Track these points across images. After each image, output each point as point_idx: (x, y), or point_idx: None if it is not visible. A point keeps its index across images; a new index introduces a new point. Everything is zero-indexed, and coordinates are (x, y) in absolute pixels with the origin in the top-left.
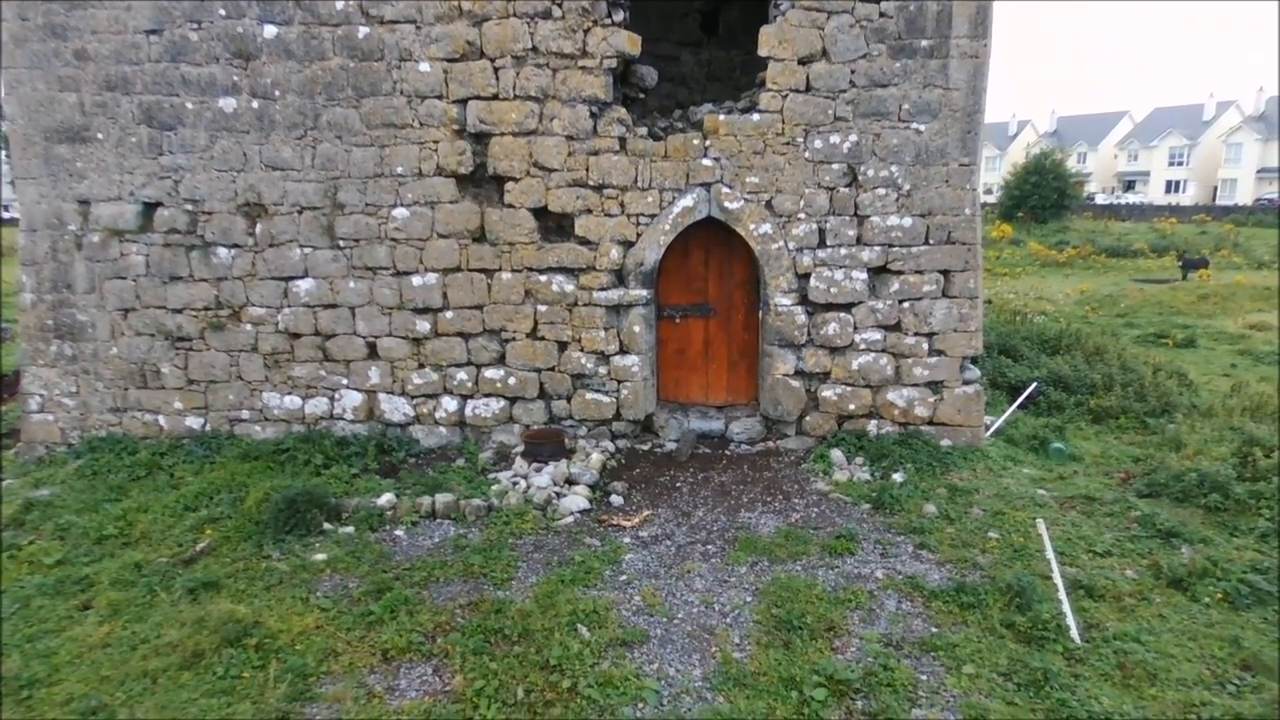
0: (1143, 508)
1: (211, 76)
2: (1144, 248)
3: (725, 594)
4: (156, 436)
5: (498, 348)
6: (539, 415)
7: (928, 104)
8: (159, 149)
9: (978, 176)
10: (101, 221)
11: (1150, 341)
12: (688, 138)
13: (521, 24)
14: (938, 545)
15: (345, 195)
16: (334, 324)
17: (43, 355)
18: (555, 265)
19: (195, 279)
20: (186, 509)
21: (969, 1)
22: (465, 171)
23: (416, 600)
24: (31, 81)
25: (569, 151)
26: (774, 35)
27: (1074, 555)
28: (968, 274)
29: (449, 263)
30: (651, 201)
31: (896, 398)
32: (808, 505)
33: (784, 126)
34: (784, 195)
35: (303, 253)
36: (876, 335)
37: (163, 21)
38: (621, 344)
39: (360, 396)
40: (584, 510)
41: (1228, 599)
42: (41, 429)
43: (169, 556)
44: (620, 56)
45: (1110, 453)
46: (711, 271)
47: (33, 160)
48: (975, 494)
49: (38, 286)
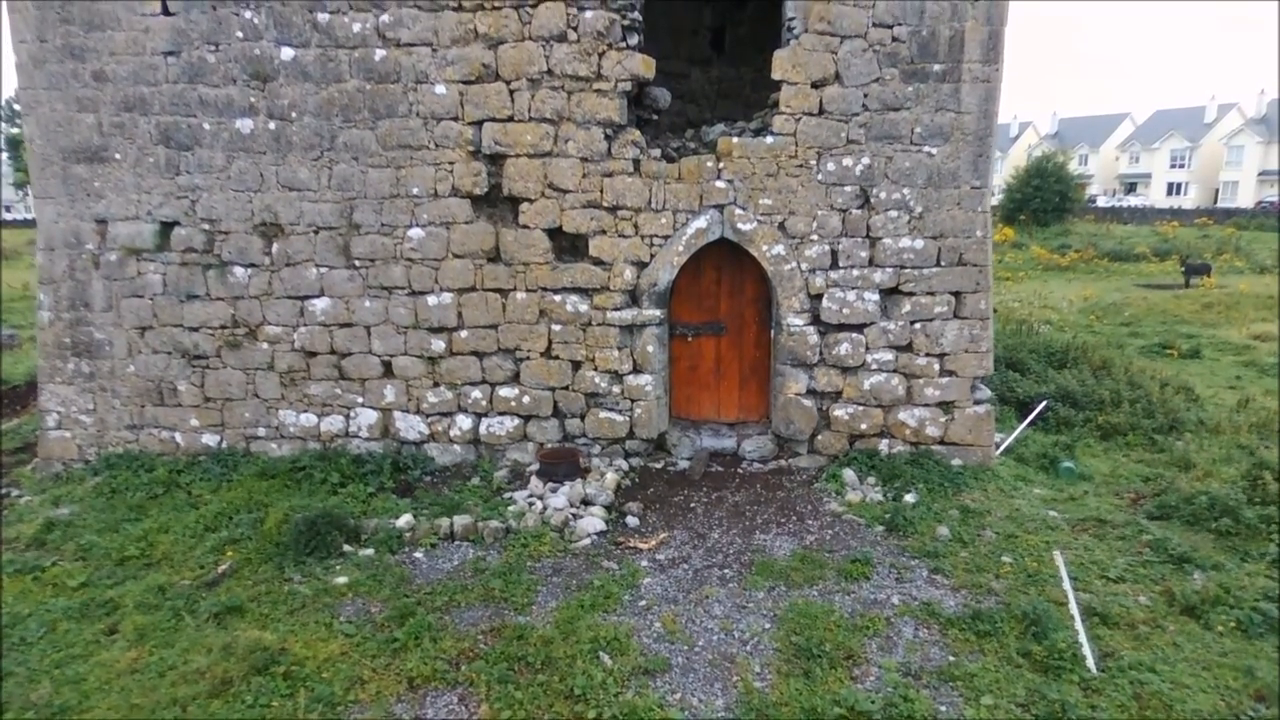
0: (1154, 531)
1: (229, 98)
2: (1146, 251)
3: (744, 620)
4: (173, 453)
5: (512, 366)
6: (553, 433)
7: (940, 127)
8: (176, 169)
9: (989, 199)
10: (119, 240)
11: (1155, 352)
12: (701, 160)
13: (537, 47)
14: (952, 570)
15: (361, 215)
16: (349, 343)
17: (60, 373)
18: (569, 285)
19: (212, 298)
20: (207, 529)
21: (981, 26)
22: (480, 192)
23: (439, 626)
24: (50, 102)
25: (583, 173)
26: (787, 59)
27: (1087, 581)
28: (979, 295)
29: (464, 282)
30: (665, 223)
31: (908, 417)
32: (821, 527)
33: (797, 149)
34: (797, 217)
35: (319, 272)
36: (888, 355)
37: (180, 43)
38: (635, 363)
39: (375, 414)
40: (600, 532)
41: (1240, 627)
42: (59, 446)
43: (192, 579)
44: (634, 80)
45: (1120, 471)
46: (723, 290)
47: (51, 180)
48: (987, 516)
49: (55, 305)
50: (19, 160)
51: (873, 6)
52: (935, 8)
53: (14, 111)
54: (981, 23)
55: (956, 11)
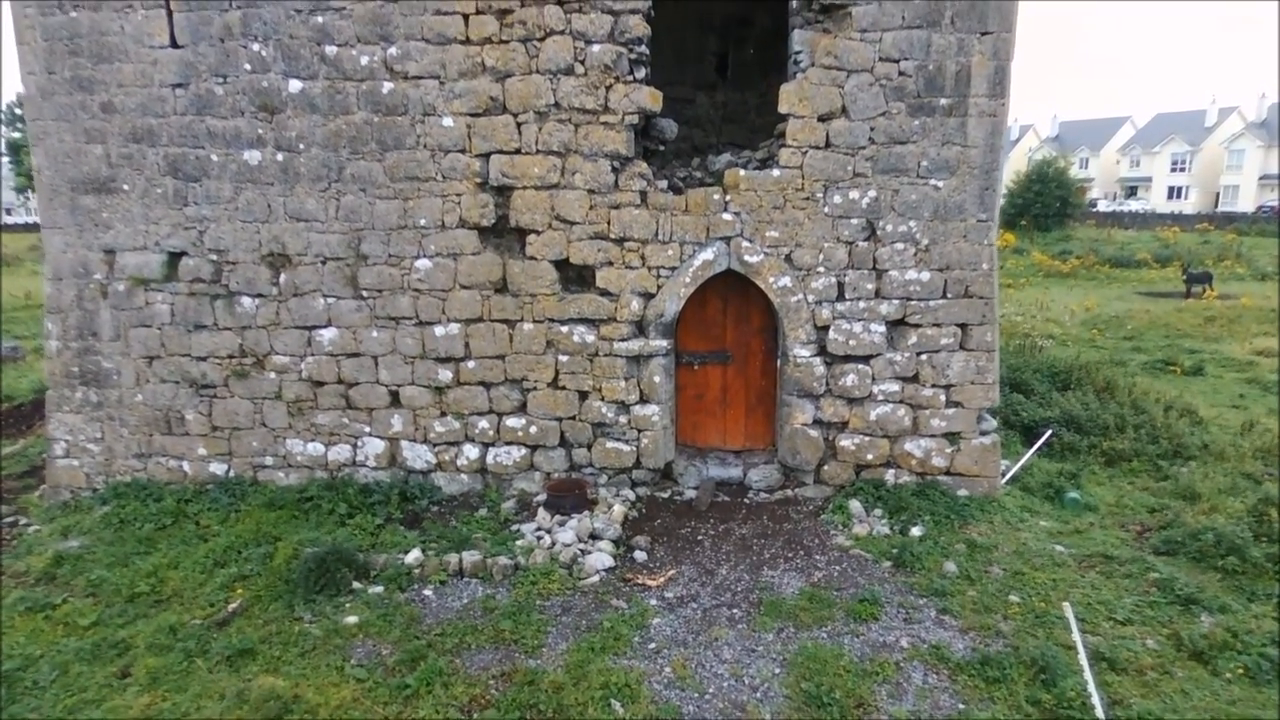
0: (1161, 568)
1: (237, 129)
2: (1147, 257)
3: (754, 664)
4: (181, 482)
5: (519, 396)
6: (559, 463)
7: (946, 161)
8: (184, 200)
9: (995, 232)
10: (127, 270)
11: (1158, 369)
12: (708, 192)
13: (544, 80)
14: (960, 610)
15: (368, 246)
16: (357, 372)
17: (68, 401)
18: (576, 316)
19: (220, 327)
20: (216, 564)
21: (988, 61)
22: (487, 224)
23: (450, 670)
24: (58, 133)
25: (590, 205)
26: (794, 92)
27: (1095, 622)
28: (985, 327)
29: (471, 313)
30: (672, 254)
31: (914, 448)
32: (829, 562)
33: (803, 182)
34: (803, 249)
35: (326, 302)
36: (894, 387)
37: (189, 76)
38: (641, 393)
39: (383, 444)
40: (609, 568)
41: (1249, 674)
42: (66, 474)
43: (203, 618)
44: (641, 112)
45: (1125, 501)
46: (729, 319)
47: (59, 210)
48: (994, 551)
49: (63, 334)
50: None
51: (879, 41)
52: (942, 42)
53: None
54: (988, 57)
55: (963, 46)
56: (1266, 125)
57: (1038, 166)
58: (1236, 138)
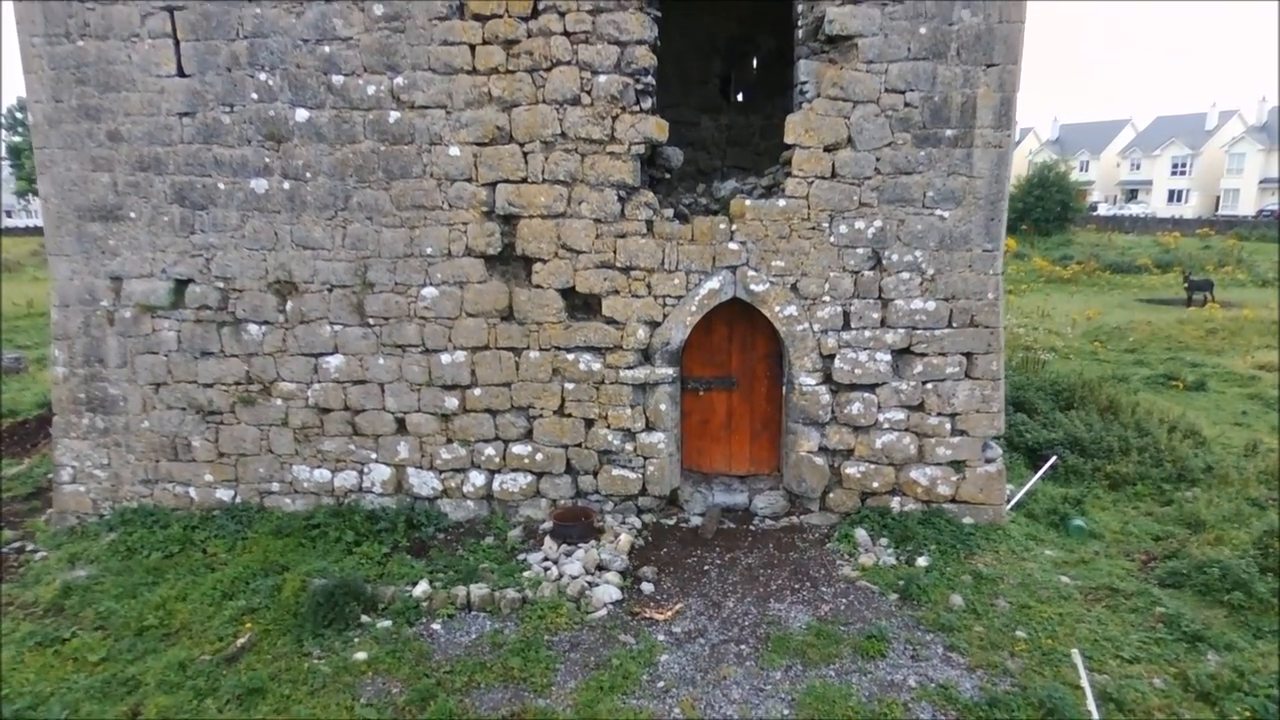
0: (1166, 602)
1: (243, 158)
2: (1148, 263)
3: (762, 704)
4: (187, 508)
5: (525, 424)
6: (565, 490)
7: (952, 191)
8: (191, 227)
9: (1000, 262)
10: (134, 297)
11: (1160, 384)
12: (714, 221)
13: (550, 110)
14: (967, 647)
15: (375, 274)
16: (363, 399)
17: (75, 428)
18: (582, 344)
19: (226, 354)
20: (224, 596)
21: (993, 93)
22: (494, 252)
23: (460, 711)
24: (65, 161)
25: (596, 234)
26: (800, 123)
27: (1102, 660)
28: (990, 356)
29: (477, 341)
30: (678, 283)
31: (919, 476)
32: (836, 595)
33: (809, 212)
34: (809, 278)
35: (333, 330)
36: (900, 415)
37: (196, 104)
38: (647, 421)
39: (389, 470)
40: (616, 601)
41: (1255, 717)
42: (73, 500)
43: (212, 653)
44: (648, 142)
45: (1130, 528)
46: (734, 345)
47: (66, 237)
48: (1000, 583)
49: (70, 360)
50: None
51: (885, 72)
52: (948, 74)
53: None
54: (993, 89)
55: (969, 78)
56: (1267, 129)
57: (1039, 171)
58: (1237, 141)
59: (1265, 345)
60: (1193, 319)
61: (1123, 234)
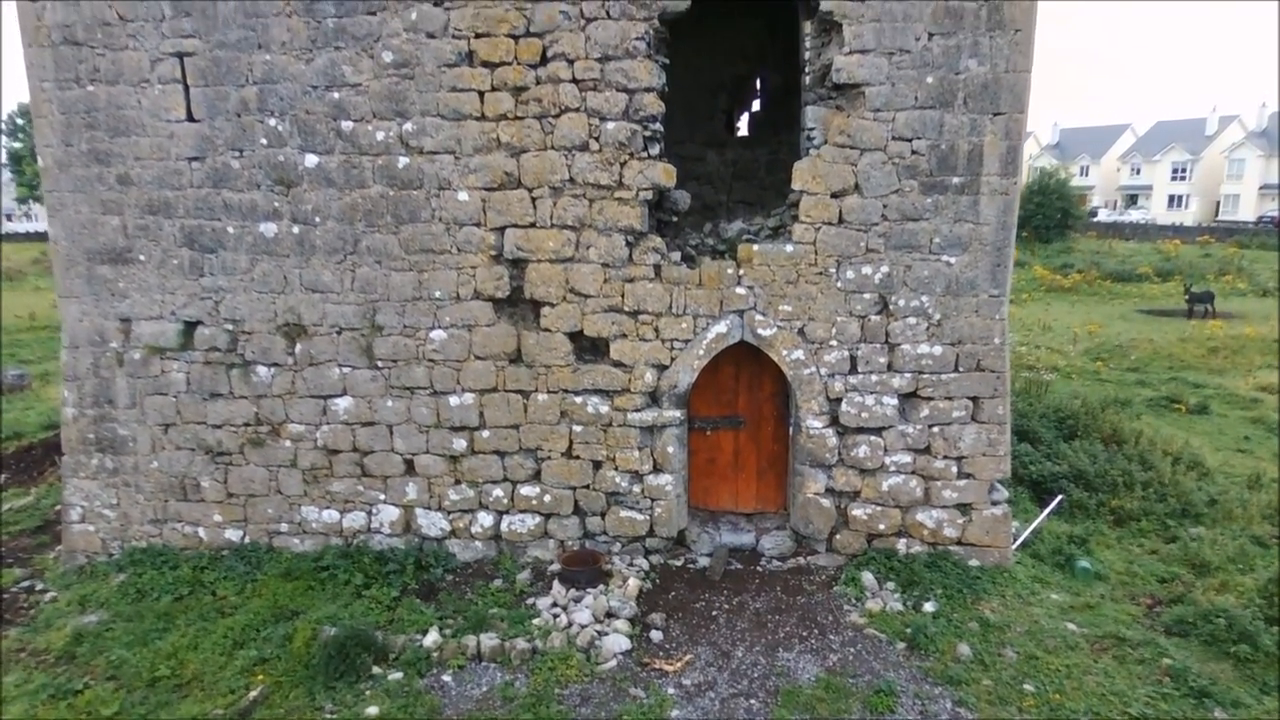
0: (1173, 653)
1: (253, 202)
2: (1149, 271)
3: None
4: (196, 548)
5: (533, 465)
6: (573, 531)
7: (958, 238)
8: (200, 270)
9: (1006, 307)
10: (143, 339)
11: (1163, 407)
12: (721, 265)
13: (559, 156)
14: (975, 701)
15: (384, 317)
16: (372, 441)
17: (84, 468)
18: (590, 387)
19: (235, 396)
20: (236, 645)
21: (1000, 141)
22: (502, 296)
23: None
24: (75, 205)
25: (605, 278)
26: (807, 170)
27: (1109, 717)
28: (996, 400)
29: (486, 383)
30: (686, 327)
31: (926, 518)
32: (844, 643)
33: (816, 257)
34: (816, 323)
35: (341, 372)
36: (906, 458)
37: (205, 149)
38: (655, 463)
39: (397, 511)
40: (626, 651)
41: None
42: (82, 539)
43: (224, 707)
44: (655, 188)
45: (1135, 568)
46: (741, 385)
47: (76, 280)
48: (1007, 630)
49: (79, 401)
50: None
51: (893, 120)
52: (955, 122)
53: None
54: (1000, 137)
55: (976, 126)
56: (1267, 134)
57: (1039, 177)
58: (1237, 147)
59: (1267, 365)
60: (1194, 336)
61: (1123, 241)
